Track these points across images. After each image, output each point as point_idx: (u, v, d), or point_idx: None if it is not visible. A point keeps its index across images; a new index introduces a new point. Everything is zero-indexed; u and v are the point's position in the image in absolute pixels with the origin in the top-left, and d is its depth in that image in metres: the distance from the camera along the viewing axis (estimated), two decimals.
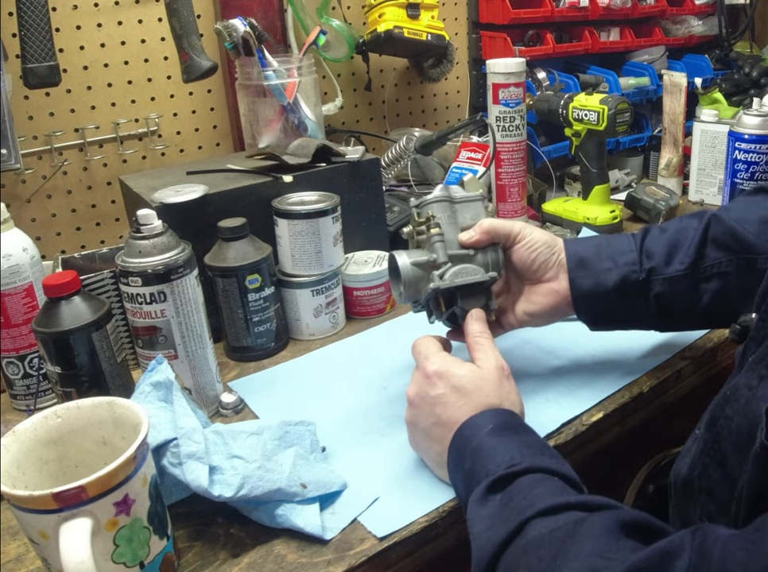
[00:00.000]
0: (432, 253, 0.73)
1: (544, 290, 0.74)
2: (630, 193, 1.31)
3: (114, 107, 1.19)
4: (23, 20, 0.93)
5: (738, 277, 0.69)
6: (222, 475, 0.59)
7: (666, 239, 0.72)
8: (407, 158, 1.30)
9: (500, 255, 0.74)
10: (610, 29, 1.54)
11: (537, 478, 0.54)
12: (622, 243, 0.73)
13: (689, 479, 0.57)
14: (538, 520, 0.49)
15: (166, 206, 0.86)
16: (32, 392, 0.81)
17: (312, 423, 0.68)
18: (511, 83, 1.16)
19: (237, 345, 0.89)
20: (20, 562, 0.61)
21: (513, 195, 1.23)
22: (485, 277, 0.72)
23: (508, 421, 0.61)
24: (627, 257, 0.71)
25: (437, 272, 0.71)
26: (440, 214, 0.74)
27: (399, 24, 1.27)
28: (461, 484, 0.59)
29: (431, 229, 0.73)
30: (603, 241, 0.74)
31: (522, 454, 0.56)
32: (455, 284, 0.71)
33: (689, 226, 0.72)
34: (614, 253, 0.72)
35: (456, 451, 0.61)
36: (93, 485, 0.49)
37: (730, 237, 0.70)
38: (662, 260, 0.70)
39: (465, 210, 0.76)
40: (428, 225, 0.74)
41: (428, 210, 0.75)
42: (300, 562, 0.58)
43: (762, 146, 1.03)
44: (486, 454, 0.58)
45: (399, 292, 0.73)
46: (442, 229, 0.73)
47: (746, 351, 0.56)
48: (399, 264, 0.72)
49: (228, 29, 1.10)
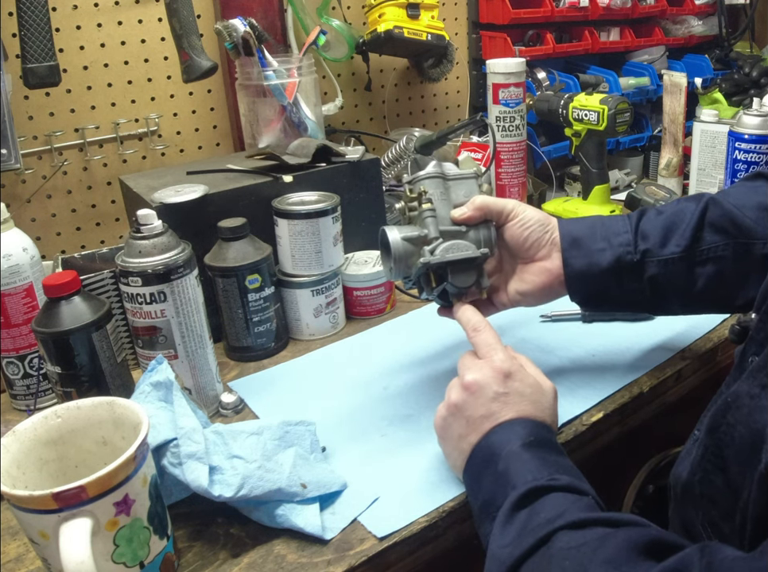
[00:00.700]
0: (423, 229, 0.71)
1: (536, 269, 0.73)
2: (630, 193, 1.31)
3: (114, 107, 1.19)
4: (23, 20, 0.93)
5: (734, 262, 0.69)
6: (222, 475, 0.59)
7: (662, 221, 0.71)
8: (407, 158, 1.30)
9: (492, 232, 0.73)
10: (610, 29, 1.54)
11: (570, 497, 0.54)
12: (617, 224, 0.72)
13: (690, 483, 0.56)
14: (566, 532, 0.49)
15: (166, 206, 0.86)
16: (32, 392, 0.81)
17: (312, 423, 0.68)
18: (511, 83, 1.16)
19: (237, 345, 0.89)
20: (20, 562, 0.61)
21: (513, 195, 1.23)
22: (476, 253, 0.71)
23: (550, 439, 0.61)
24: (622, 237, 0.71)
25: (428, 247, 0.70)
26: (433, 190, 0.74)
27: (399, 24, 1.27)
28: (489, 485, 0.58)
29: (422, 205, 0.72)
30: (598, 222, 0.73)
31: (560, 472, 0.56)
32: (445, 259, 0.70)
33: (686, 209, 0.71)
34: (609, 233, 0.71)
35: (488, 449, 0.60)
36: (93, 485, 0.49)
37: (727, 221, 0.69)
38: (657, 242, 0.70)
39: (458, 187, 0.75)
40: (419, 200, 0.73)
41: (421, 186, 0.74)
42: (300, 562, 0.58)
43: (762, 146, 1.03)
44: (525, 463, 0.57)
45: (390, 268, 0.72)
46: (434, 204, 0.72)
47: (746, 351, 0.56)
48: (390, 239, 0.71)
49: (228, 29, 1.10)
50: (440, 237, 0.71)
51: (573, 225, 0.74)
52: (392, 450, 0.71)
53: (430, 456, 0.70)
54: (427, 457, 0.70)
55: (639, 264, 0.70)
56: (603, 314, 0.92)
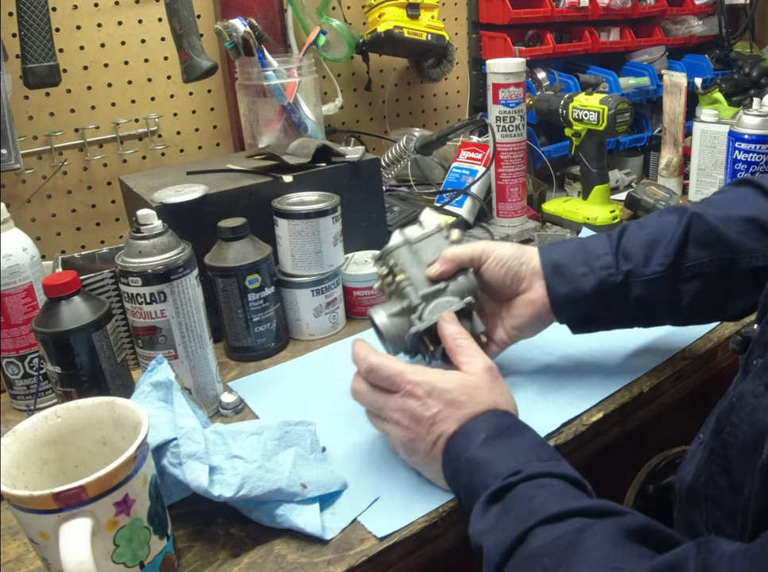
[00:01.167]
0: (404, 300, 0.73)
1: (522, 302, 0.73)
2: (630, 193, 1.31)
3: (114, 107, 1.19)
4: (23, 20, 0.93)
5: (720, 277, 0.68)
6: (222, 475, 0.59)
7: (644, 238, 0.70)
8: (407, 158, 1.30)
9: (471, 279, 0.74)
10: (610, 29, 1.54)
11: (536, 484, 0.53)
12: (597, 246, 0.72)
13: (694, 486, 0.56)
14: (541, 528, 0.48)
15: (166, 206, 0.86)
16: (32, 392, 0.81)
17: (312, 423, 0.68)
18: (511, 83, 1.16)
19: (237, 345, 0.89)
20: (20, 562, 0.61)
21: (513, 195, 1.23)
22: (461, 305, 0.72)
23: (501, 424, 0.60)
24: (603, 260, 0.70)
25: (415, 315, 0.72)
26: (402, 259, 0.75)
27: (399, 24, 1.27)
28: (464, 499, 0.58)
29: (396, 277, 0.74)
30: (579, 245, 0.73)
31: (518, 461, 0.55)
32: (433, 321, 0.71)
33: (668, 223, 0.70)
34: (590, 256, 0.71)
35: (451, 464, 0.60)
36: (93, 485, 0.49)
37: (712, 236, 0.68)
38: (640, 262, 0.69)
39: (426, 247, 0.76)
40: (392, 273, 0.75)
41: (390, 259, 0.75)
42: (300, 562, 0.58)
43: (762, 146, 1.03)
44: (481, 467, 0.56)
45: (386, 348, 0.74)
46: (407, 272, 0.74)
47: (750, 356, 0.56)
48: (377, 321, 0.72)
49: (228, 29, 1.10)
50: (422, 301, 0.72)
51: (554, 251, 0.73)
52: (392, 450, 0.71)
53: None
54: None
55: (623, 285, 0.69)
56: None
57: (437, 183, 1.33)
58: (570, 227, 1.22)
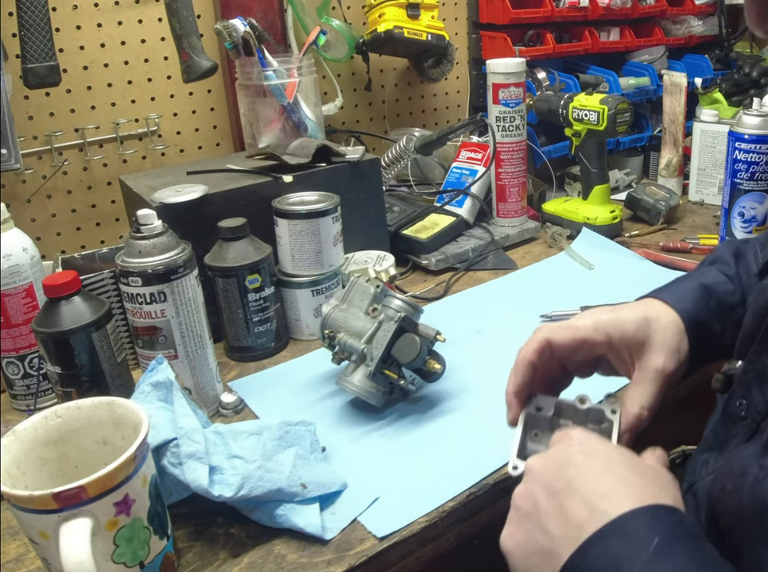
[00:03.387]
0: (352, 354, 0.77)
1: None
2: (630, 193, 1.31)
3: (114, 107, 1.19)
4: (23, 20, 0.93)
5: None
6: (222, 475, 0.59)
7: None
8: (407, 158, 1.30)
9: (396, 298, 0.77)
10: (610, 29, 1.54)
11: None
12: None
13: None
14: None
15: (166, 206, 0.86)
16: (32, 392, 0.81)
17: (312, 423, 0.68)
18: (511, 83, 1.16)
19: (237, 345, 0.89)
20: (20, 562, 0.61)
21: (513, 195, 1.23)
22: (393, 327, 0.74)
23: (677, 526, 0.42)
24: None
25: (367, 359, 0.75)
26: (335, 324, 0.79)
27: (399, 24, 1.27)
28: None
29: (336, 338, 0.77)
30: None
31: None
32: (380, 356, 0.73)
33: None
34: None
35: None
36: (93, 485, 0.49)
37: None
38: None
39: (352, 298, 0.81)
40: (331, 338, 0.78)
41: (325, 331, 0.79)
42: (300, 562, 0.58)
43: (762, 146, 1.02)
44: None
45: (373, 403, 0.76)
46: (343, 328, 0.78)
47: (733, 395, 0.54)
48: (353, 388, 0.75)
49: (228, 29, 1.10)
50: (365, 344, 0.75)
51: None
52: (392, 450, 0.71)
53: (430, 456, 0.70)
54: (427, 457, 0.70)
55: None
56: None
57: (437, 183, 1.33)
58: (570, 227, 1.22)
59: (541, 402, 0.56)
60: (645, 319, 0.57)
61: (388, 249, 1.07)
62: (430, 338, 0.76)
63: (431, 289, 1.07)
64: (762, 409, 0.50)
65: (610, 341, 0.56)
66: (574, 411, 0.55)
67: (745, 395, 0.53)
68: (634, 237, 1.21)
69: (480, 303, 1.01)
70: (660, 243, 1.17)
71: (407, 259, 1.14)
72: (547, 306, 0.96)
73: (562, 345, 0.56)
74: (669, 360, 0.56)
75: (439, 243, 1.14)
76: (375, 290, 0.80)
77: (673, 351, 0.57)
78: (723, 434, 0.56)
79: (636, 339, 0.57)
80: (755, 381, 0.52)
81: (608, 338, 0.56)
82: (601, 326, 0.57)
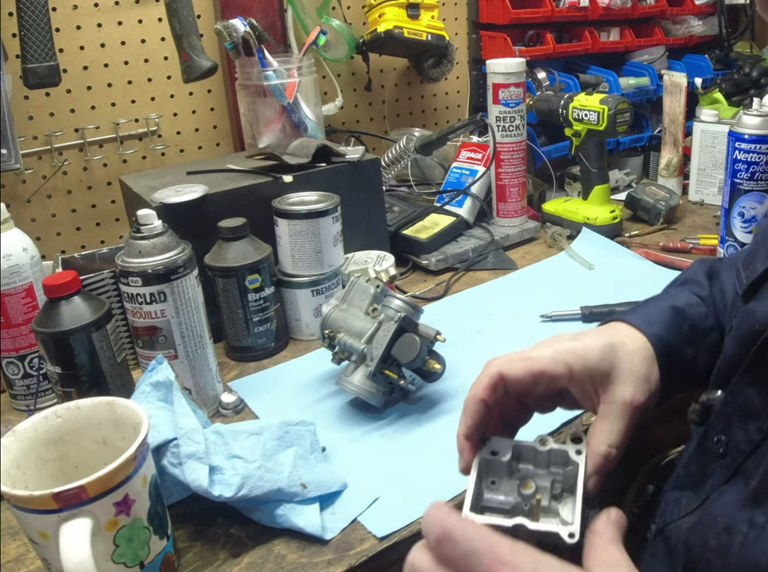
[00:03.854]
0: (352, 354, 0.77)
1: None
2: (630, 193, 1.31)
3: (114, 107, 1.19)
4: (23, 20, 0.93)
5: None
6: (222, 475, 0.59)
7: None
8: (407, 158, 1.30)
9: (396, 298, 0.77)
10: (610, 29, 1.54)
11: None
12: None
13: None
14: None
15: (166, 206, 0.86)
16: (32, 392, 0.81)
17: (312, 423, 0.68)
18: (511, 83, 1.16)
19: (237, 345, 0.89)
20: (20, 562, 0.61)
21: (513, 195, 1.23)
22: (393, 327, 0.74)
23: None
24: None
25: (367, 359, 0.75)
26: (335, 324, 0.78)
27: (399, 24, 1.27)
28: None
29: (336, 338, 0.77)
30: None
31: None
32: (380, 356, 0.73)
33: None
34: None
35: None
36: (93, 485, 0.49)
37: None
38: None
39: (352, 298, 0.80)
40: (333, 341, 0.78)
41: (325, 331, 0.79)
42: (300, 562, 0.58)
43: (762, 146, 1.02)
44: None
45: (373, 403, 0.76)
46: (343, 328, 0.78)
47: (710, 430, 0.50)
48: (353, 388, 0.75)
49: (228, 29, 1.10)
50: (365, 344, 0.75)
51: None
52: (392, 450, 0.71)
53: (430, 456, 0.70)
54: (427, 457, 0.70)
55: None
56: (602, 314, 0.93)
57: (437, 183, 1.33)
58: (570, 227, 1.22)
59: (496, 445, 0.49)
60: (610, 346, 0.52)
61: (388, 249, 1.07)
62: (430, 338, 0.76)
63: (431, 289, 1.07)
64: (743, 448, 0.46)
65: (572, 372, 0.50)
66: (534, 454, 0.49)
67: (725, 430, 0.48)
68: (634, 237, 1.21)
69: (480, 303, 1.02)
70: (660, 243, 1.17)
71: (407, 259, 1.14)
72: (547, 306, 0.96)
73: (517, 379, 0.50)
74: (638, 390, 0.51)
75: (439, 243, 1.14)
76: (375, 290, 0.80)
77: (643, 380, 0.51)
78: (697, 471, 0.52)
79: (601, 369, 0.51)
80: (737, 416, 0.48)
81: (569, 368, 0.50)
82: (560, 355, 0.51)
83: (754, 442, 0.46)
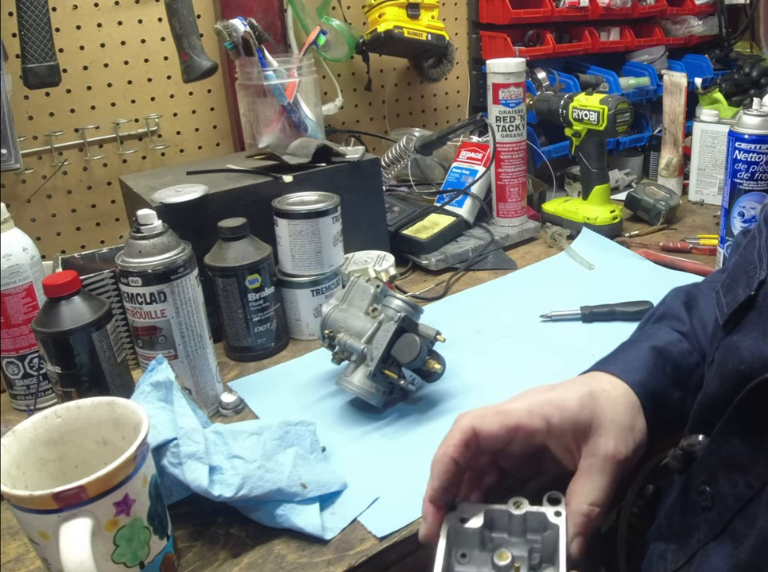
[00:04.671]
0: (352, 353, 0.76)
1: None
2: (630, 193, 1.31)
3: (114, 107, 1.19)
4: (23, 20, 0.92)
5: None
6: (222, 475, 0.59)
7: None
8: (407, 158, 1.30)
9: (396, 298, 0.77)
10: (610, 29, 1.54)
11: None
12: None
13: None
14: None
15: (166, 206, 0.86)
16: (32, 392, 0.81)
17: (312, 423, 0.68)
18: (511, 83, 1.16)
19: (237, 345, 0.89)
20: (20, 562, 0.61)
21: (513, 195, 1.23)
22: (393, 327, 0.74)
23: None
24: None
25: (367, 359, 0.75)
26: (335, 324, 0.78)
27: (399, 24, 1.27)
28: None
29: (336, 338, 0.77)
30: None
31: None
32: (380, 356, 0.73)
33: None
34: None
35: None
36: (93, 485, 0.49)
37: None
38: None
39: (352, 298, 0.80)
40: (333, 340, 0.78)
41: (325, 331, 0.78)
42: (300, 562, 0.58)
43: (762, 146, 1.02)
44: None
45: (372, 403, 0.76)
46: (343, 328, 0.78)
47: (693, 479, 0.46)
48: (353, 388, 0.75)
49: (228, 29, 1.10)
50: (365, 344, 0.75)
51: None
52: (392, 450, 0.71)
53: (430, 456, 0.70)
54: (427, 457, 0.70)
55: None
56: (602, 314, 0.93)
57: (437, 183, 1.33)
58: (570, 227, 1.22)
59: (465, 511, 0.45)
60: (589, 394, 0.48)
61: (388, 249, 1.07)
62: (430, 338, 0.76)
63: (431, 289, 1.07)
64: (731, 504, 0.43)
65: (550, 425, 0.47)
66: (509, 519, 0.44)
67: (709, 481, 0.45)
68: (634, 237, 1.21)
69: (480, 303, 1.02)
70: (660, 243, 1.17)
71: (407, 259, 1.14)
72: (547, 306, 0.96)
73: (491, 434, 0.46)
74: (622, 442, 0.47)
75: (439, 243, 1.14)
76: (375, 290, 0.80)
77: (626, 431, 0.48)
78: (680, 522, 0.49)
79: (581, 419, 0.47)
80: (722, 467, 0.44)
81: (546, 421, 0.47)
82: (537, 408, 0.47)
83: (743, 499, 0.42)
